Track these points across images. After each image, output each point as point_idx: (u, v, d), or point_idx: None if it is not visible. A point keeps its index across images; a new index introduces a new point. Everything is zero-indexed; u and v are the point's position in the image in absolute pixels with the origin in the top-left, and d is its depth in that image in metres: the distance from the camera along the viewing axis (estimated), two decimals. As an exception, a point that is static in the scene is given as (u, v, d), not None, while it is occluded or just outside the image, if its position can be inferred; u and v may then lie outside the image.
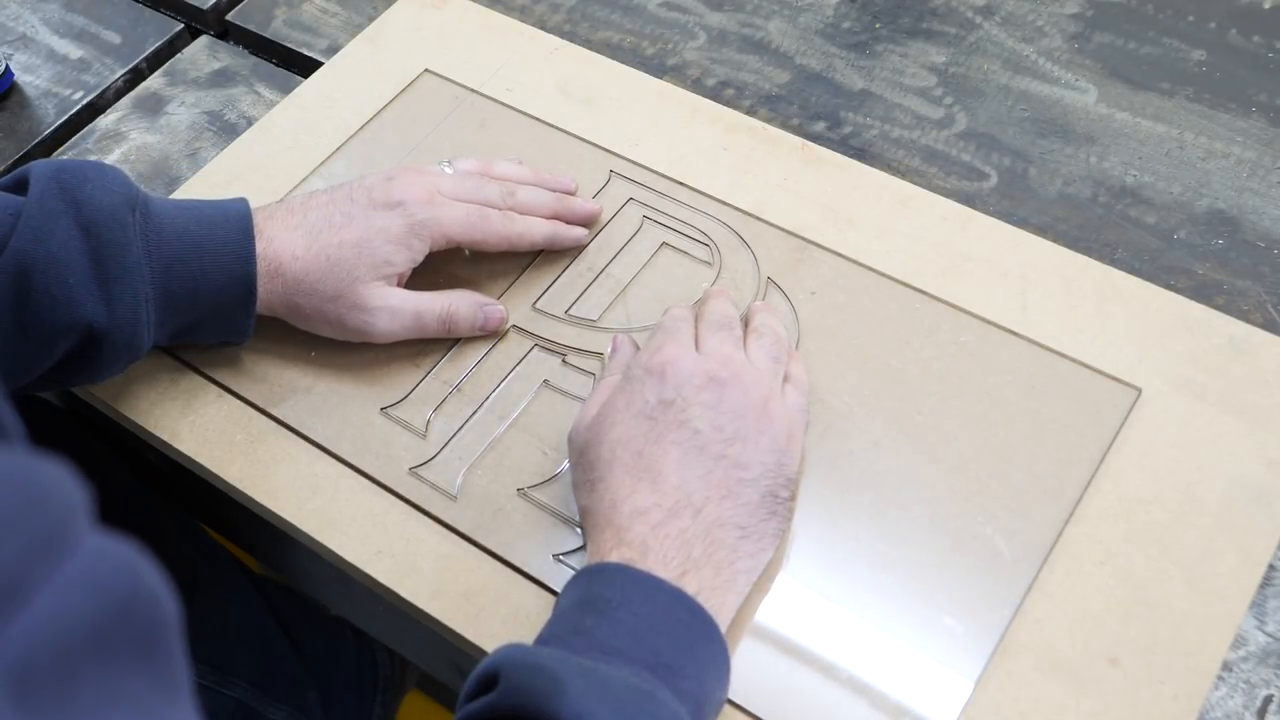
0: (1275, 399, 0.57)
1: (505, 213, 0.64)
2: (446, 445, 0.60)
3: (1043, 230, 0.67)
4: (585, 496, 0.54)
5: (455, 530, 0.58)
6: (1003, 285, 0.63)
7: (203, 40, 0.84)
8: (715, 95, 0.76)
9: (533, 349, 0.63)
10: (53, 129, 0.80)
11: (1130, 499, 0.55)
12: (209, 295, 0.59)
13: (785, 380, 0.58)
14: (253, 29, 0.84)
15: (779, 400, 0.55)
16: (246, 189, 0.69)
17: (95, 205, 0.56)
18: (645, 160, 0.70)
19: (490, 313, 0.63)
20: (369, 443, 0.61)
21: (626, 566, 0.49)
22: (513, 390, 0.62)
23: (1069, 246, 0.64)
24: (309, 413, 0.62)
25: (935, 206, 0.66)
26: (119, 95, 0.82)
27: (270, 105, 0.78)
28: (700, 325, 0.58)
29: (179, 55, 0.83)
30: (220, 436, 0.62)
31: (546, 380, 0.62)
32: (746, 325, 0.60)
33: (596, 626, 0.46)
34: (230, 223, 0.59)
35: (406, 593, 0.56)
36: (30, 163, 0.58)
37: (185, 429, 0.62)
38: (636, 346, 0.60)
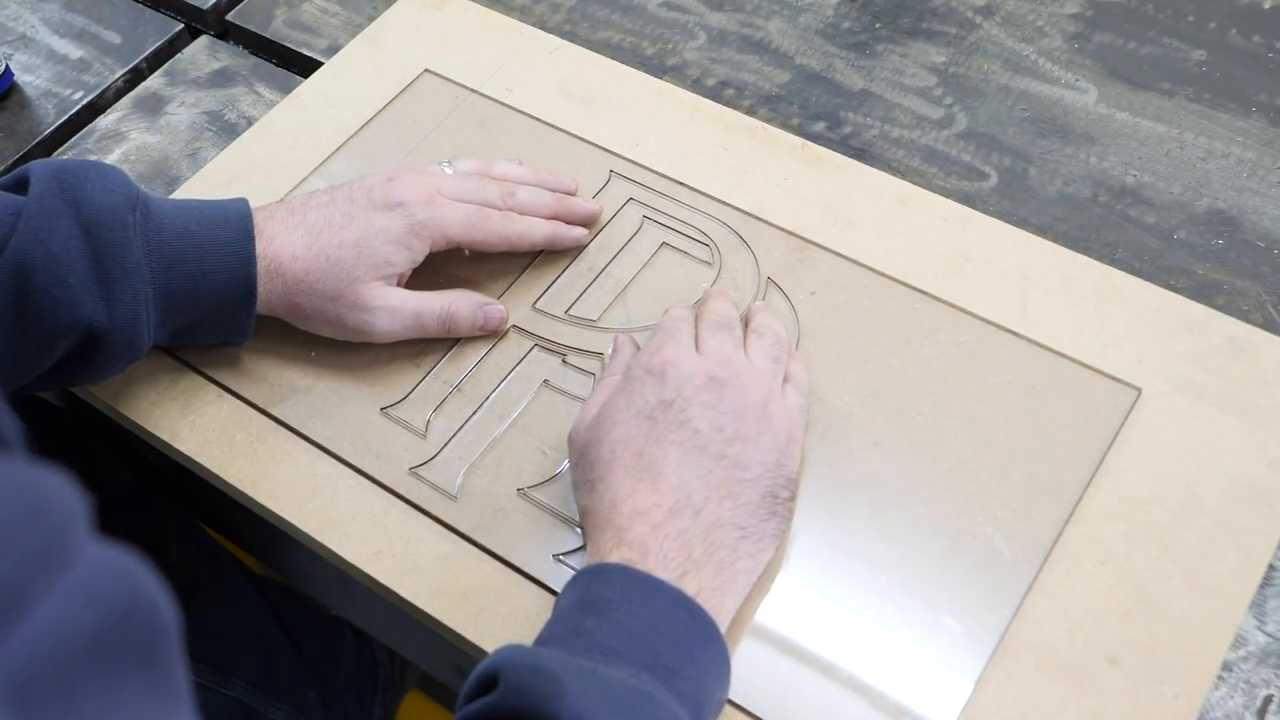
0: (1275, 399, 0.57)
1: (505, 213, 0.64)
2: (446, 445, 0.60)
3: (1043, 230, 0.67)
4: (585, 497, 0.54)
5: (455, 530, 0.58)
6: (1003, 285, 0.63)
7: (203, 40, 0.84)
8: (715, 95, 0.76)
9: (533, 349, 0.63)
10: (53, 129, 0.80)
11: (1130, 499, 0.55)
12: (209, 295, 0.59)
13: (785, 380, 0.58)
14: (253, 29, 0.84)
15: (779, 400, 0.55)
16: (246, 189, 0.69)
17: (95, 205, 0.56)
18: (645, 160, 0.70)
19: (490, 313, 0.63)
20: (369, 443, 0.61)
21: (626, 567, 0.49)
22: (513, 390, 0.62)
23: (1069, 246, 0.64)
24: (309, 413, 0.62)
25: (935, 206, 0.66)
26: (119, 95, 0.82)
27: (270, 105, 0.78)
28: (700, 325, 0.58)
29: (179, 55, 0.83)
30: (220, 436, 0.62)
31: (546, 380, 0.62)
32: (746, 325, 0.60)
33: (596, 627, 0.46)
34: (230, 223, 0.59)
35: (406, 593, 0.56)
36: (30, 162, 0.58)
37: (185, 429, 0.62)
38: (637, 347, 0.60)
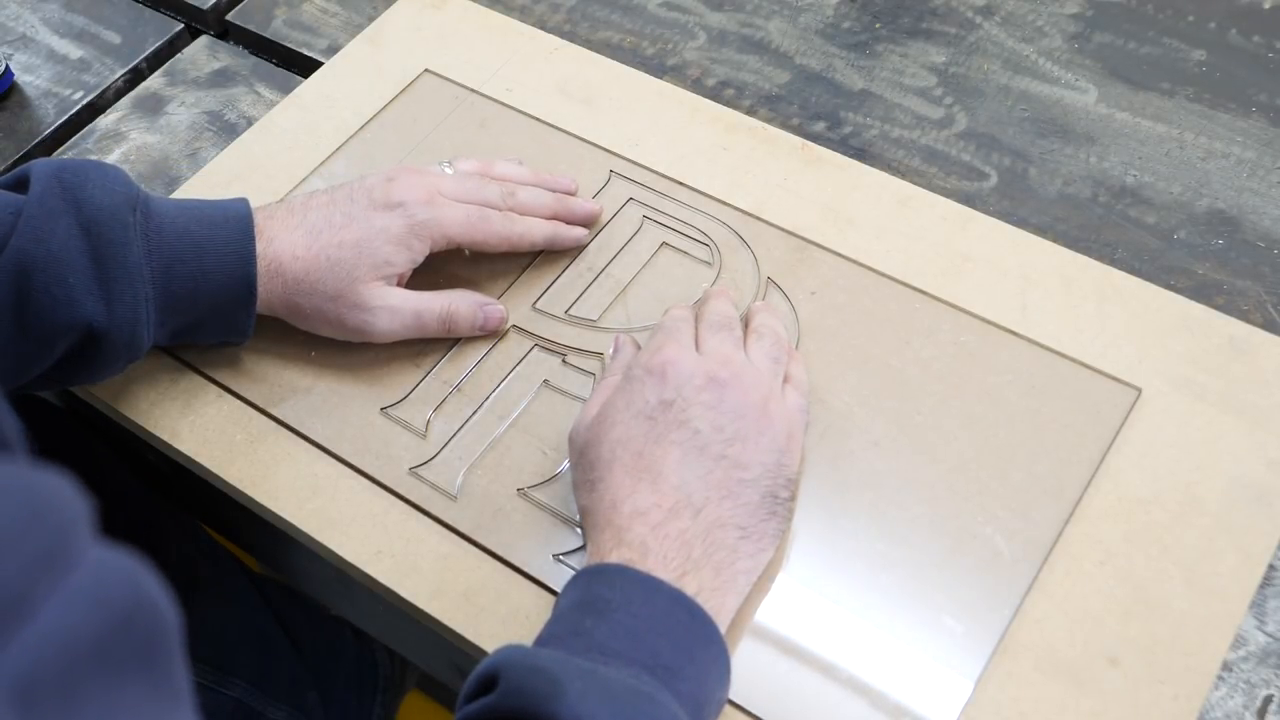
0: (1275, 399, 0.57)
1: (505, 213, 0.64)
2: (446, 445, 0.60)
3: (1043, 230, 0.67)
4: (585, 496, 0.54)
5: (455, 530, 0.58)
6: (1003, 285, 0.63)
7: (203, 40, 0.84)
8: (715, 95, 0.76)
9: (533, 349, 0.63)
10: (53, 129, 0.80)
11: (1130, 499, 0.55)
12: (209, 295, 0.59)
13: (785, 381, 0.58)
14: (253, 29, 0.84)
15: (779, 401, 0.55)
16: (246, 189, 0.69)
17: (96, 205, 0.56)
18: (645, 160, 0.70)
19: (490, 313, 0.63)
20: (369, 443, 0.61)
21: (626, 567, 0.49)
22: (513, 390, 0.62)
23: (1069, 246, 0.64)
24: (309, 413, 0.62)
25: (935, 206, 0.66)
26: (119, 95, 0.82)
27: (270, 105, 0.78)
28: (700, 326, 0.58)
29: (179, 55, 0.83)
30: (220, 436, 0.62)
31: (546, 380, 0.62)
32: (747, 325, 0.60)
33: (596, 628, 0.46)
34: (231, 223, 0.59)
35: (406, 593, 0.56)
36: (31, 162, 0.58)
37: (185, 429, 0.62)
38: (638, 347, 0.60)
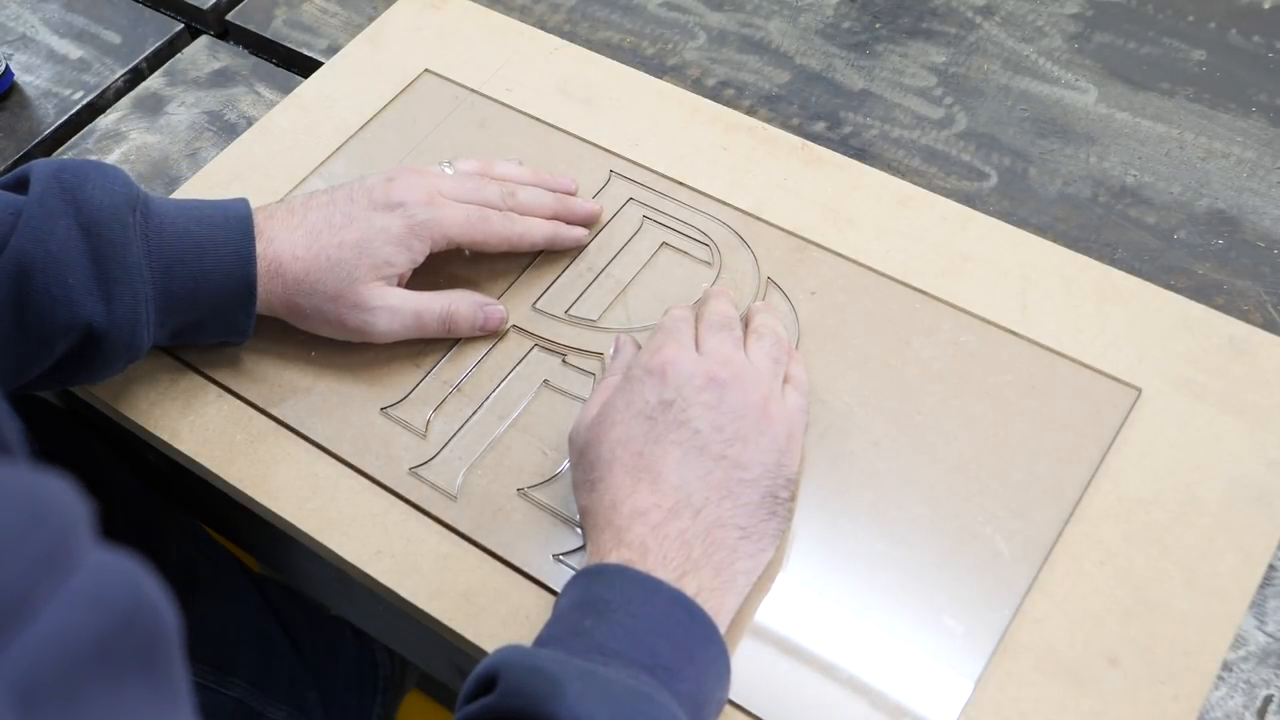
0: (1275, 399, 0.57)
1: (505, 213, 0.64)
2: (446, 445, 0.60)
3: (1043, 230, 0.67)
4: (585, 496, 0.54)
5: (455, 530, 0.58)
6: (1003, 285, 0.63)
7: (203, 40, 0.84)
8: (715, 95, 0.76)
9: (533, 349, 0.63)
10: (53, 129, 0.80)
11: (1130, 499, 0.55)
12: (209, 295, 0.59)
13: (785, 381, 0.58)
14: (253, 29, 0.84)
15: (779, 401, 0.55)
16: (246, 189, 0.69)
17: (96, 205, 0.56)
18: (645, 160, 0.70)
19: (490, 313, 0.63)
20: (369, 443, 0.61)
21: (626, 568, 0.49)
22: (513, 390, 0.62)
23: (1069, 246, 0.64)
24: (309, 413, 0.62)
25: (935, 206, 0.66)
26: (119, 95, 0.82)
27: (270, 105, 0.78)
28: (700, 326, 0.58)
29: (179, 55, 0.83)
30: (220, 436, 0.62)
31: (546, 380, 0.62)
32: (747, 326, 0.60)
33: (595, 628, 0.46)
34: (231, 223, 0.59)
35: (406, 593, 0.56)
36: (31, 162, 0.58)
37: (185, 429, 0.62)
38: (638, 347, 0.60)
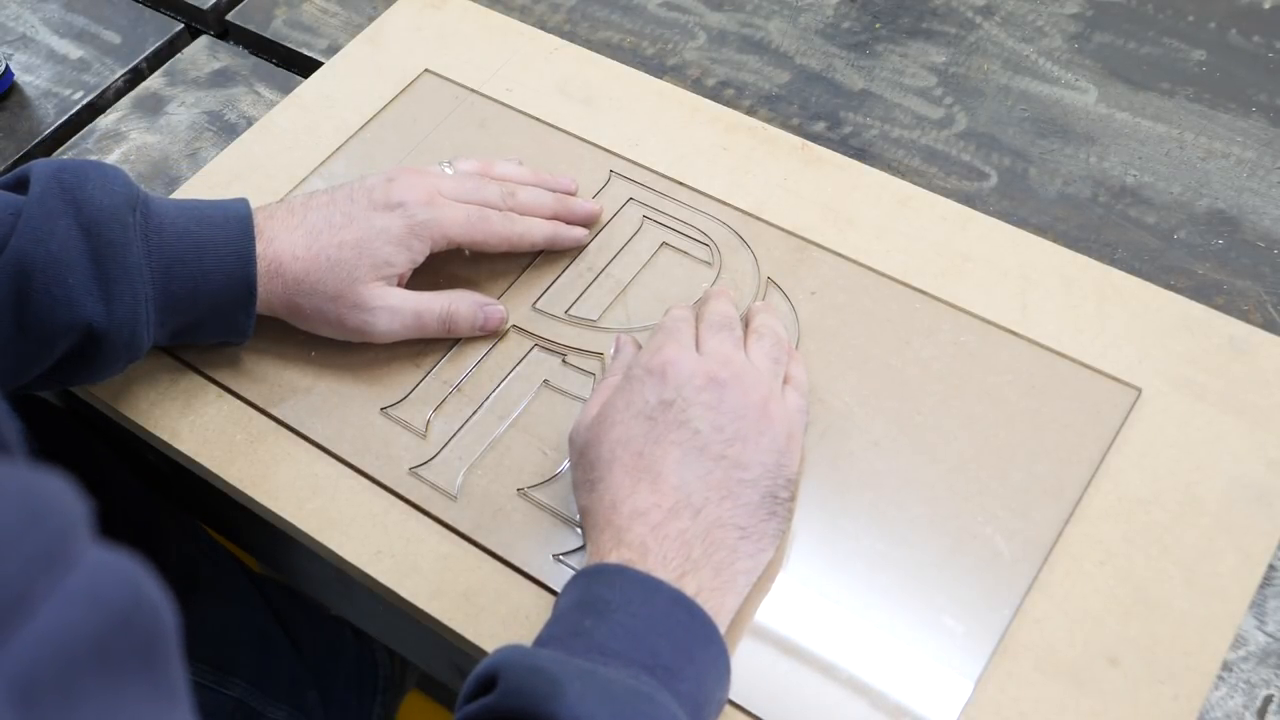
0: (1275, 399, 0.57)
1: (505, 213, 0.64)
2: (446, 445, 0.60)
3: (1043, 230, 0.67)
4: (585, 496, 0.54)
5: (455, 530, 0.58)
6: (1003, 285, 0.63)
7: (203, 40, 0.84)
8: (715, 95, 0.76)
9: (533, 349, 0.63)
10: (53, 129, 0.80)
11: (1130, 499, 0.55)
12: (209, 295, 0.59)
13: (785, 381, 0.58)
14: (253, 29, 0.84)
15: (779, 401, 0.55)
16: (246, 189, 0.69)
17: (96, 205, 0.56)
18: (645, 160, 0.70)
19: (490, 313, 0.63)
20: (369, 443, 0.61)
21: (626, 568, 0.49)
22: (513, 390, 0.62)
23: (1069, 246, 0.64)
24: (309, 413, 0.62)
25: (935, 206, 0.66)
26: (119, 95, 0.82)
27: (270, 105, 0.78)
28: (700, 326, 0.58)
29: (179, 55, 0.83)
30: (220, 436, 0.62)
31: (546, 380, 0.62)
32: (747, 326, 0.60)
33: (595, 628, 0.46)
34: (231, 223, 0.59)
35: (406, 593, 0.56)
36: (31, 162, 0.58)
37: (185, 429, 0.62)
38: (639, 347, 0.60)
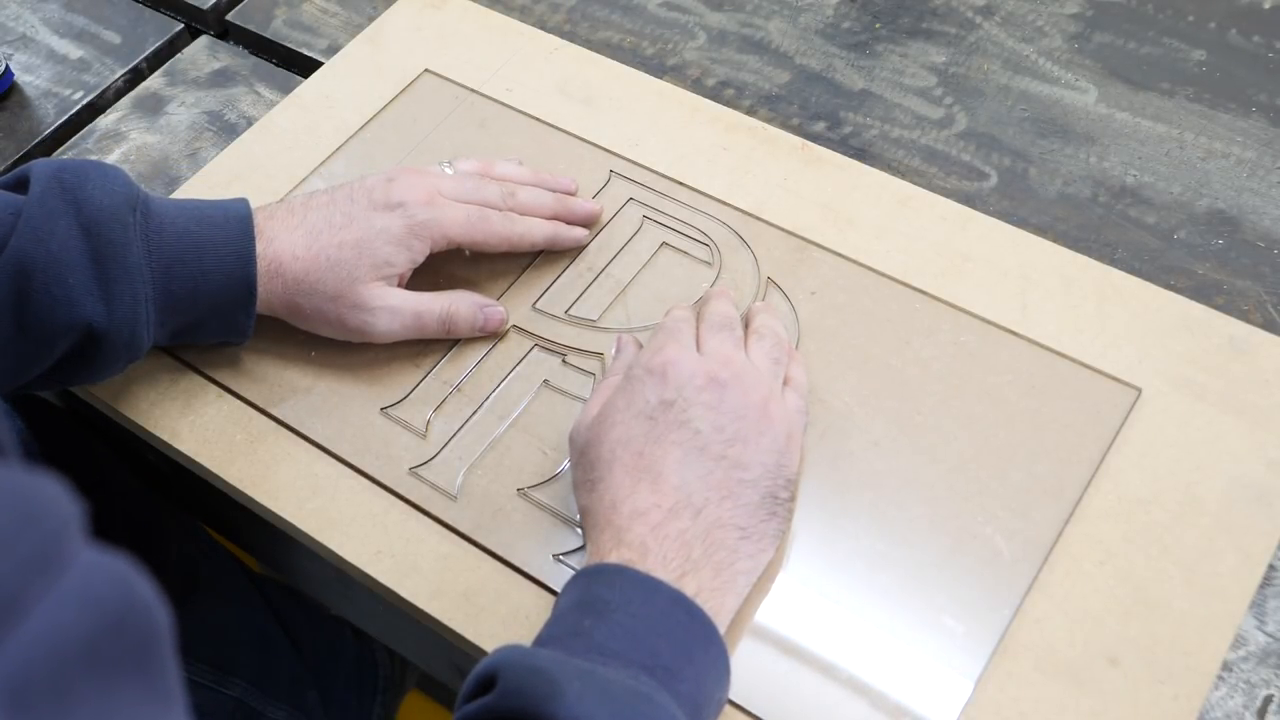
0: (1275, 399, 0.57)
1: (505, 214, 0.64)
2: (446, 445, 0.60)
3: (1043, 230, 0.67)
4: (585, 496, 0.54)
5: (455, 530, 0.58)
6: (1003, 285, 0.63)
7: (203, 40, 0.84)
8: (715, 95, 0.76)
9: (533, 349, 0.63)
10: (53, 129, 0.80)
11: (1130, 499, 0.55)
12: (209, 295, 0.59)
13: (785, 382, 0.58)
14: (253, 29, 0.84)
15: (779, 401, 0.55)
16: (246, 189, 0.69)
17: (96, 205, 0.56)
18: (645, 160, 0.70)
19: (490, 314, 0.63)
20: (369, 443, 0.61)
21: (625, 568, 0.49)
22: (513, 390, 0.62)
23: (1069, 246, 0.64)
24: (309, 413, 0.62)
25: (935, 206, 0.66)
26: (119, 95, 0.82)
27: (270, 105, 0.78)
28: (701, 326, 0.58)
29: (179, 55, 0.83)
30: (220, 436, 0.62)
31: (546, 380, 0.62)
32: (747, 326, 0.60)
33: (595, 628, 0.46)
34: (231, 223, 0.59)
35: (406, 593, 0.56)
36: (31, 162, 0.58)
37: (185, 429, 0.62)
38: (640, 347, 0.60)
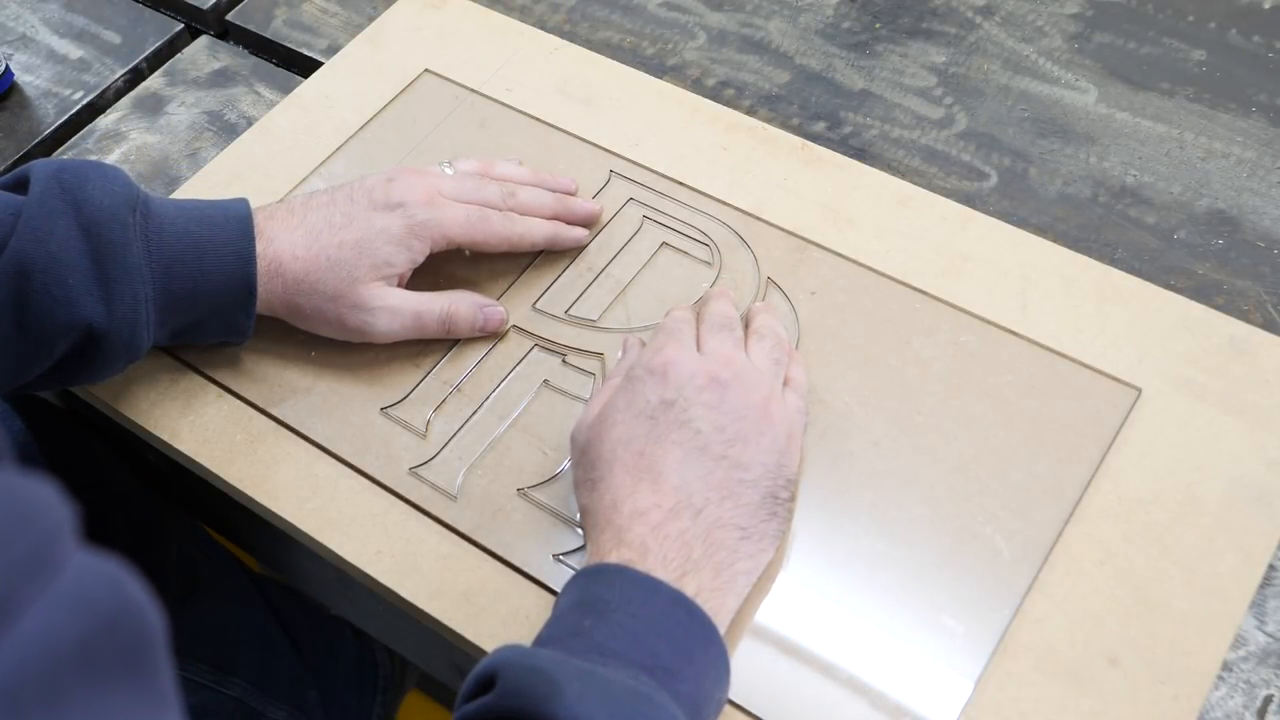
0: (1275, 399, 0.57)
1: (506, 214, 0.64)
2: (446, 445, 0.60)
3: (1043, 230, 0.67)
4: (586, 496, 0.54)
5: (455, 530, 0.58)
6: (1003, 285, 0.63)
7: (203, 40, 0.84)
8: (715, 95, 0.76)
9: (533, 349, 0.63)
10: (53, 129, 0.80)
11: (1130, 499, 0.55)
12: (209, 295, 0.59)
13: (785, 383, 0.58)
14: (253, 29, 0.84)
15: (779, 402, 0.55)
16: (246, 189, 0.69)
17: (96, 205, 0.56)
18: (645, 160, 0.70)
19: (490, 314, 0.63)
20: (369, 443, 0.61)
21: (625, 568, 0.49)
22: (513, 390, 0.62)
23: (1069, 246, 0.64)
24: (309, 413, 0.62)
25: (935, 206, 0.66)
26: (119, 95, 0.82)
27: (270, 105, 0.78)
28: (701, 326, 0.58)
29: (179, 55, 0.83)
30: (220, 436, 0.62)
31: (546, 380, 0.62)
32: (747, 326, 0.60)
33: (595, 628, 0.46)
34: (231, 223, 0.59)
35: (406, 593, 0.56)
36: (31, 162, 0.58)
37: (185, 429, 0.62)
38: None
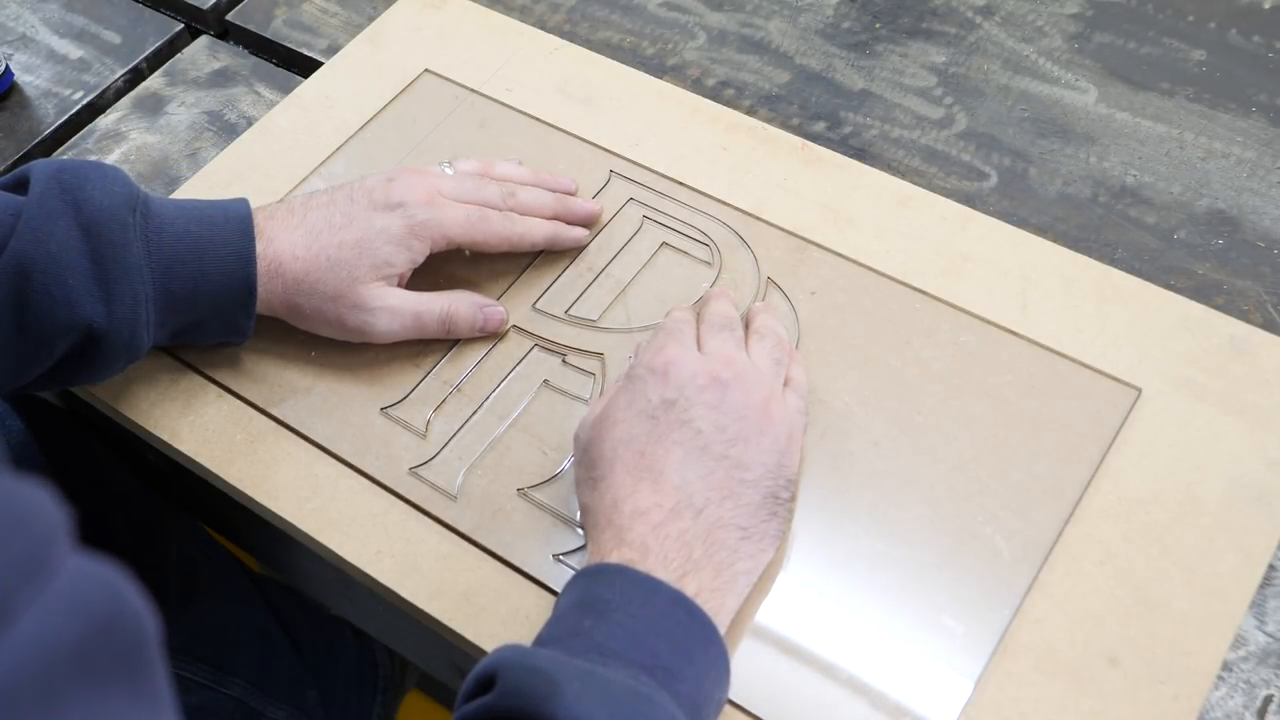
0: (1275, 399, 0.57)
1: (505, 214, 0.64)
2: (446, 445, 0.60)
3: (1043, 230, 0.67)
4: (587, 495, 0.54)
5: (455, 530, 0.58)
6: (1003, 285, 0.63)
7: (203, 40, 0.84)
8: (715, 95, 0.76)
9: (533, 349, 0.63)
10: (53, 129, 0.80)
11: (1130, 499, 0.55)
12: (209, 295, 0.59)
13: (785, 383, 0.58)
14: (253, 29, 0.84)
15: (780, 401, 0.55)
16: (246, 189, 0.69)
17: (96, 205, 0.56)
18: (645, 160, 0.70)
19: (490, 314, 0.63)
20: (369, 443, 0.61)
21: (626, 568, 0.49)
22: (513, 390, 0.62)
23: (1069, 246, 0.64)
24: (309, 413, 0.62)
25: (935, 206, 0.66)
26: (119, 95, 0.82)
27: (270, 105, 0.78)
28: (702, 326, 0.58)
29: (179, 55, 0.83)
30: (220, 436, 0.62)
31: (546, 380, 0.62)
32: (747, 326, 0.60)
33: (595, 628, 0.46)
34: (231, 223, 0.59)
35: (406, 593, 0.56)
36: (31, 162, 0.58)
37: (185, 429, 0.62)
38: None
